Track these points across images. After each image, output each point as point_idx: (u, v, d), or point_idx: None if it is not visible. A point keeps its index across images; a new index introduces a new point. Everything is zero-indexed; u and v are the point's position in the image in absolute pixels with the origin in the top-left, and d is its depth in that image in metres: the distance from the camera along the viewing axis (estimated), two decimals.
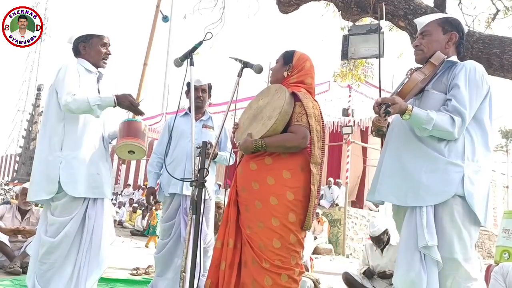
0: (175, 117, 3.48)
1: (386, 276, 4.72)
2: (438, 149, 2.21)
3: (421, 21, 2.48)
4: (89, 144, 2.88)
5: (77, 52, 3.03)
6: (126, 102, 2.82)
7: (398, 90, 2.27)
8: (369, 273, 4.89)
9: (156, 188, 4.03)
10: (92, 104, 2.71)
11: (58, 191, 2.80)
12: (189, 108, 3.73)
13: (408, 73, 2.37)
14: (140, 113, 2.93)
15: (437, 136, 2.21)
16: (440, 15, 2.57)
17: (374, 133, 2.55)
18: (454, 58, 2.38)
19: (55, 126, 2.81)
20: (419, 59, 2.43)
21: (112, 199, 3.03)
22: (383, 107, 2.10)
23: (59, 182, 2.77)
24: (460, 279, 2.15)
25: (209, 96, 4.13)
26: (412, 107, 2.14)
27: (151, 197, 4.02)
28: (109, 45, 3.07)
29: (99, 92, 3.02)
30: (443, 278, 2.16)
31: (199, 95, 3.94)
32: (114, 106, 2.81)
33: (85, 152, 2.84)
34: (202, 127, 3.97)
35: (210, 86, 4.09)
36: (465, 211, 2.16)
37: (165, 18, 2.95)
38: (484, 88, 2.24)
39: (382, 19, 4.11)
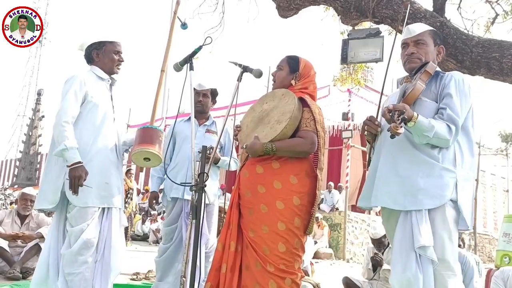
0: (175, 122, 3.48)
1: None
2: (433, 155, 2.28)
3: (415, 29, 2.50)
4: (100, 153, 2.82)
5: (90, 59, 3.00)
6: (75, 173, 2.60)
7: (403, 98, 2.29)
8: (376, 263, 4.79)
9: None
10: (67, 146, 2.59)
11: (69, 202, 2.76)
12: None
13: (403, 81, 2.45)
14: (74, 191, 2.63)
15: (433, 144, 2.27)
16: (429, 27, 2.60)
17: (368, 138, 2.53)
18: (438, 68, 2.47)
19: None
20: (414, 67, 2.45)
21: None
22: (396, 114, 2.10)
23: (64, 192, 2.72)
24: (445, 273, 2.22)
25: (214, 102, 4.10)
26: (418, 115, 2.18)
27: (154, 201, 4.06)
28: (122, 52, 3.03)
29: (112, 100, 2.99)
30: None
31: (200, 99, 3.93)
32: (68, 166, 2.63)
33: (94, 162, 2.78)
34: (206, 132, 3.96)
35: (214, 92, 4.05)
36: (456, 215, 2.27)
37: (184, 25, 2.90)
38: (471, 98, 2.34)
39: (383, 23, 4.12)
